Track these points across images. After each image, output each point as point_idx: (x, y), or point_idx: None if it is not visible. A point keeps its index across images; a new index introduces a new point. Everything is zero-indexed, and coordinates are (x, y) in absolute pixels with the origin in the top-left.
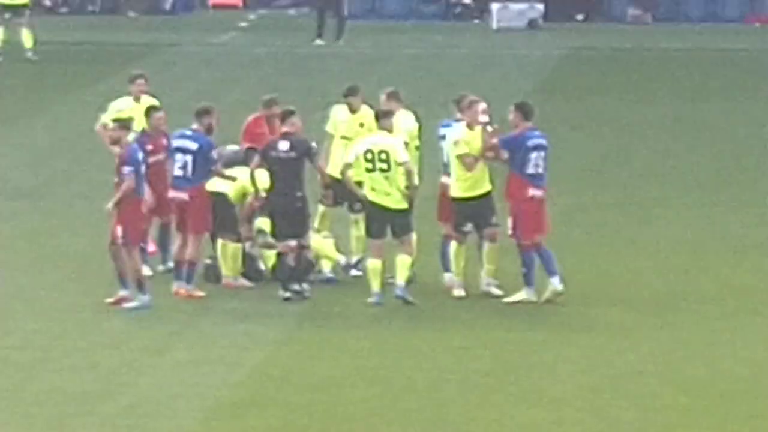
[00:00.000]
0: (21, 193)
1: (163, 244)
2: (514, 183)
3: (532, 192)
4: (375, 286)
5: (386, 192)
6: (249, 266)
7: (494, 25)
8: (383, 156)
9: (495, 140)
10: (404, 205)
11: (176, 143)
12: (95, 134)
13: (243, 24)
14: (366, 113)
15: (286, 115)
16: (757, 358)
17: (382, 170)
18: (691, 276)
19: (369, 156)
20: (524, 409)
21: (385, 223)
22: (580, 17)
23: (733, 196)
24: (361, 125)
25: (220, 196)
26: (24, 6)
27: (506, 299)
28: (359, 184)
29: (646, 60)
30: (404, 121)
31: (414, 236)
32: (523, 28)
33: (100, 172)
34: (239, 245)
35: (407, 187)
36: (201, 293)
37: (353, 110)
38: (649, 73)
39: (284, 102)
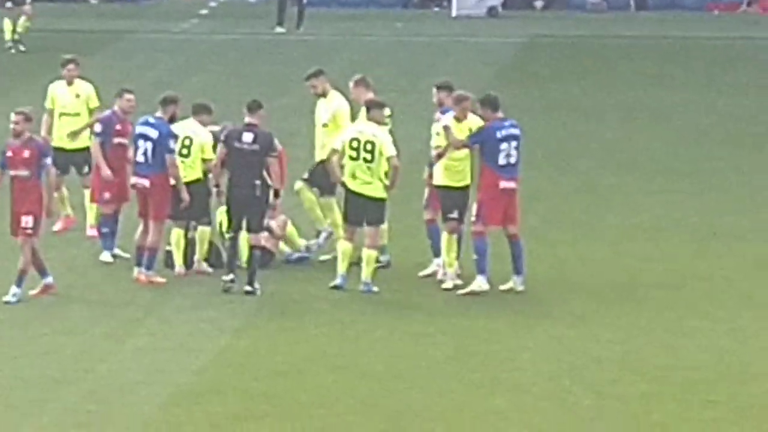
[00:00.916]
0: None
1: (112, 231)
2: (485, 175)
3: (504, 184)
4: (341, 268)
5: (367, 181)
6: (212, 252)
7: (454, 12)
8: (369, 146)
9: (461, 138)
10: (383, 195)
11: (139, 130)
12: None
13: (204, 11)
14: (333, 97)
15: (253, 107)
16: (717, 346)
17: (366, 160)
18: (650, 263)
19: (354, 144)
20: (484, 397)
21: (363, 211)
22: (539, 5)
23: (692, 184)
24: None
25: (197, 183)
26: None
27: (460, 291)
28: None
29: (605, 48)
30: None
31: (384, 226)
32: (482, 16)
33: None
34: (208, 229)
35: (391, 182)
36: (162, 279)
37: (318, 95)
38: (608, 60)
39: (246, 90)
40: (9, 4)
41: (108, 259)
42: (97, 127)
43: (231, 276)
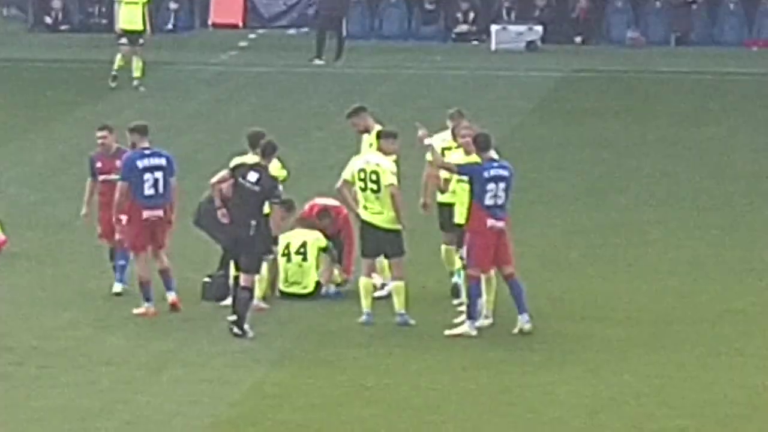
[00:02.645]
0: (20, 211)
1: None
2: (473, 213)
3: (491, 223)
4: (365, 305)
5: (377, 211)
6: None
7: (493, 46)
8: (374, 177)
9: (445, 161)
10: (395, 226)
11: (145, 163)
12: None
13: (243, 43)
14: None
15: (268, 149)
16: (754, 383)
17: (373, 191)
18: (688, 298)
19: (362, 175)
20: (522, 430)
21: (377, 243)
22: (578, 40)
23: (730, 220)
24: (370, 145)
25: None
26: (140, 33)
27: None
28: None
29: (644, 82)
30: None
31: (403, 259)
32: (521, 50)
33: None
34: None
35: (395, 211)
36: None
37: (361, 131)
38: (647, 95)
39: (284, 122)
40: (124, 40)
41: (119, 290)
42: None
43: (234, 317)
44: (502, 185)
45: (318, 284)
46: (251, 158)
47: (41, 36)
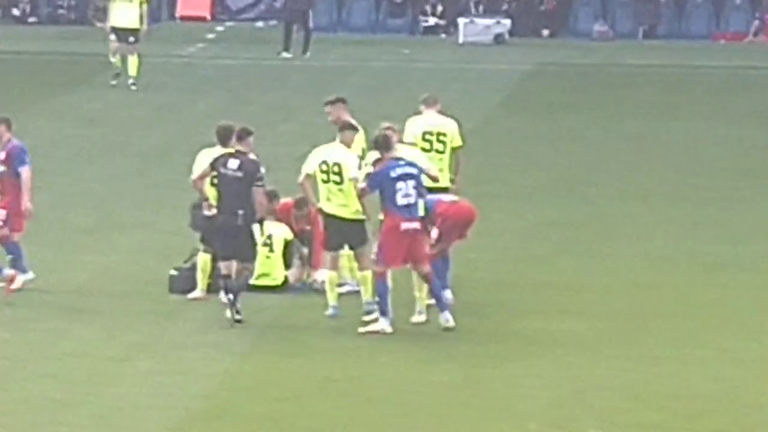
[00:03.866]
0: None
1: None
2: (387, 217)
3: (405, 225)
4: (331, 298)
5: (341, 203)
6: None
7: (461, 39)
8: (336, 169)
9: (362, 186)
10: (359, 216)
11: None
12: (63, 143)
13: (210, 36)
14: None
15: (242, 134)
16: (724, 375)
17: (336, 182)
18: (658, 292)
19: (324, 167)
20: (489, 423)
21: (342, 234)
22: (546, 33)
23: (699, 214)
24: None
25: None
26: (134, 31)
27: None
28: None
29: (612, 76)
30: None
31: (369, 248)
32: (489, 43)
33: (68, 182)
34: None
35: (360, 205)
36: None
37: (332, 121)
38: (615, 89)
39: (252, 115)
40: (113, 37)
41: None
42: None
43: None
44: (411, 183)
45: (286, 279)
46: (220, 151)
47: (9, 28)
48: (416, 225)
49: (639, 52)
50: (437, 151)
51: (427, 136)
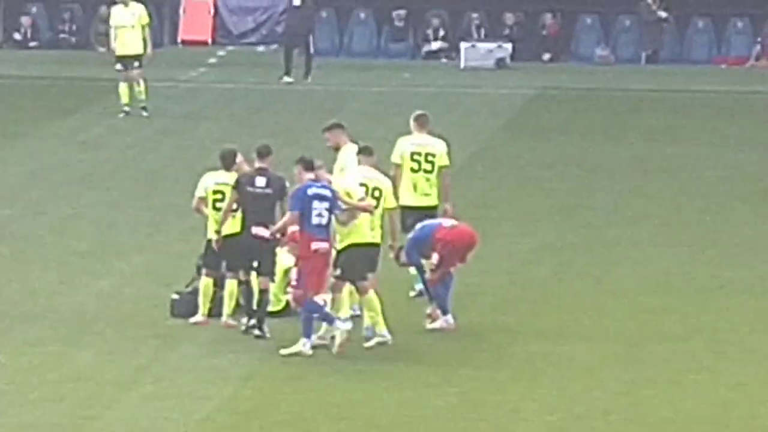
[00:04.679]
0: None
1: None
2: (301, 237)
3: (315, 246)
4: (343, 312)
5: (373, 227)
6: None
7: (462, 64)
8: (377, 193)
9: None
10: (380, 241)
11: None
12: (64, 167)
13: (212, 60)
14: (345, 150)
15: (263, 152)
16: (721, 399)
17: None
18: (656, 316)
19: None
20: None
21: (364, 262)
22: (547, 57)
23: (699, 237)
24: (341, 170)
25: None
26: (137, 57)
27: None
28: None
29: (613, 100)
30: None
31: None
32: (491, 68)
33: (68, 206)
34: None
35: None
36: None
37: (332, 147)
38: (616, 113)
39: (254, 139)
40: (119, 67)
41: None
42: None
43: (252, 321)
44: (325, 204)
45: (288, 303)
46: (223, 175)
47: (10, 52)
48: (326, 246)
49: (640, 77)
50: (425, 171)
51: (416, 156)
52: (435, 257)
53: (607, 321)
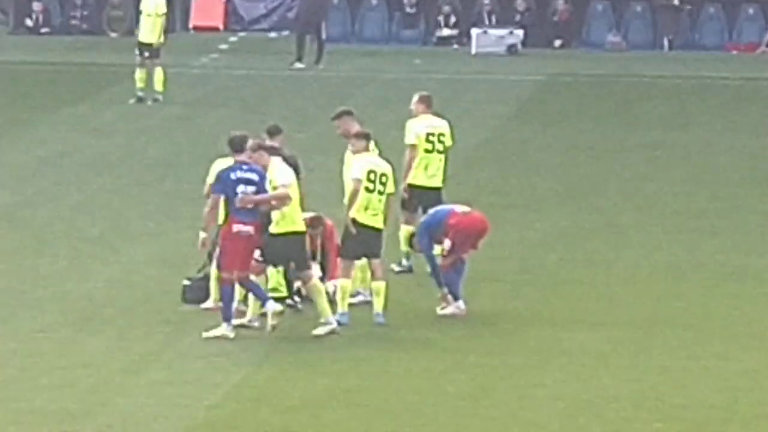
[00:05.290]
0: (1, 213)
1: None
2: (227, 219)
3: (237, 228)
4: (342, 306)
5: (375, 213)
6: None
7: (473, 50)
8: (383, 179)
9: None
10: (382, 226)
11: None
12: (74, 153)
13: (223, 46)
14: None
15: (274, 131)
16: (731, 386)
17: (380, 192)
18: (667, 302)
19: (372, 177)
20: None
21: (365, 245)
22: (558, 43)
23: (710, 223)
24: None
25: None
26: (150, 45)
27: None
28: None
29: (624, 86)
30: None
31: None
32: (502, 54)
33: (79, 192)
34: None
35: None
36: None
37: (342, 134)
38: (627, 99)
39: (265, 125)
40: (146, 53)
41: None
42: None
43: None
44: (251, 188)
45: (290, 290)
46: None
47: (22, 38)
48: (250, 229)
49: (651, 63)
50: (438, 152)
51: (431, 137)
52: (447, 243)
53: (618, 307)
